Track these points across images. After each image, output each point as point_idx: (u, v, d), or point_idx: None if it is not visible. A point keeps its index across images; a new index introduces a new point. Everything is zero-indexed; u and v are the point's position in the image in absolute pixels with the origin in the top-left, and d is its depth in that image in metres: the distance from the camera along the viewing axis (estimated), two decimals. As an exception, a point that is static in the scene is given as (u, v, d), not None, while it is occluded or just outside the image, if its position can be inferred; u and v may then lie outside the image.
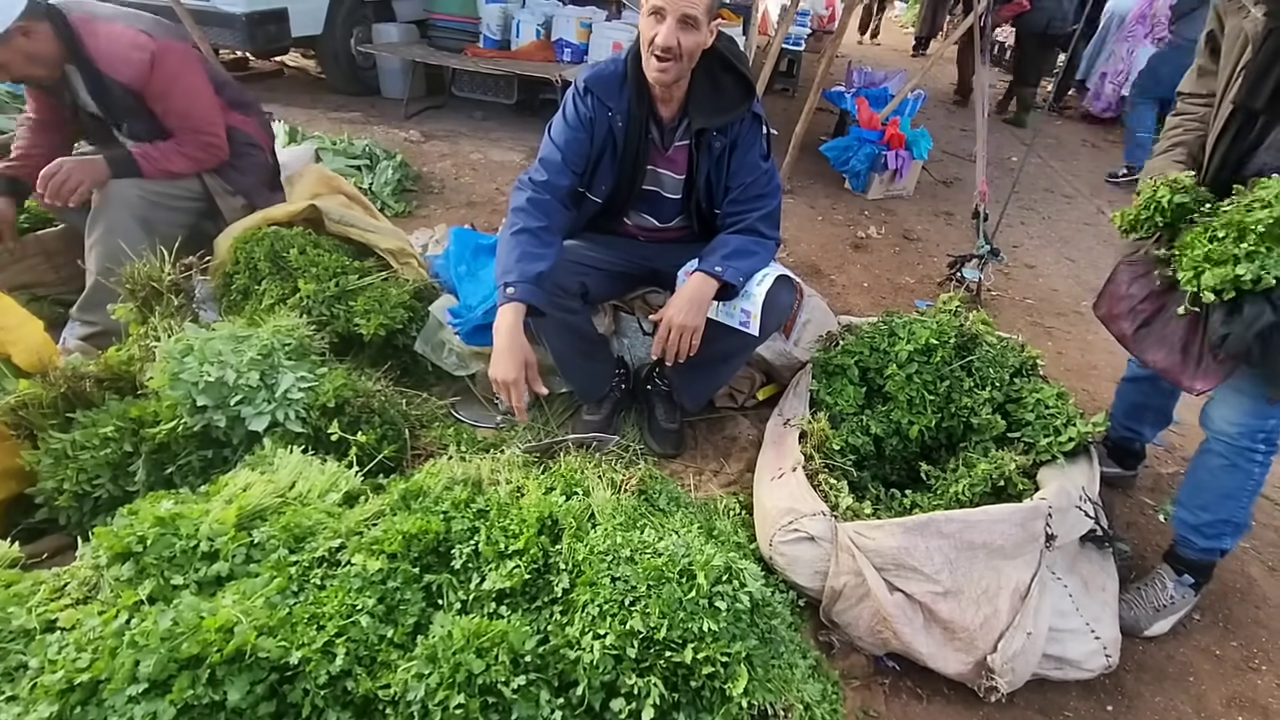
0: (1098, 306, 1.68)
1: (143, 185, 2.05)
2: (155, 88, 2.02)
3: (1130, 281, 1.58)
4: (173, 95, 2.06)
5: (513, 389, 1.53)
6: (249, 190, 2.32)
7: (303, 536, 1.28)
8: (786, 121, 4.65)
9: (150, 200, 2.07)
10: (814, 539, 1.52)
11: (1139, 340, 1.55)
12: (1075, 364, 2.97)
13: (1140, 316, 1.55)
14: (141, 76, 1.99)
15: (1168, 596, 1.70)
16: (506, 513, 1.35)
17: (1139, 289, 1.56)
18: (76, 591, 1.17)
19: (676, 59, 1.58)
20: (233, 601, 1.13)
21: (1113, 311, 1.62)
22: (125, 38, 1.99)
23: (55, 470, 1.43)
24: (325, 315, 1.97)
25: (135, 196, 2.04)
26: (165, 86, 2.04)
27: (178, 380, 1.46)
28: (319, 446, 1.58)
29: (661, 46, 1.55)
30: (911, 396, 1.81)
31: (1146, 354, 1.53)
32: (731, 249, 1.73)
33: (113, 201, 2.01)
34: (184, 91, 2.09)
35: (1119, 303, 1.60)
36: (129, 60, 1.97)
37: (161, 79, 2.02)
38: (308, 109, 4.80)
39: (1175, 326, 1.47)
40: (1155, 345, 1.51)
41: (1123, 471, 2.18)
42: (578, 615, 1.19)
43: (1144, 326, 1.54)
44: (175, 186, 2.14)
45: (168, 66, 2.03)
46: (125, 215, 2.02)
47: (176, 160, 2.11)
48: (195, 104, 2.12)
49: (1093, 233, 4.54)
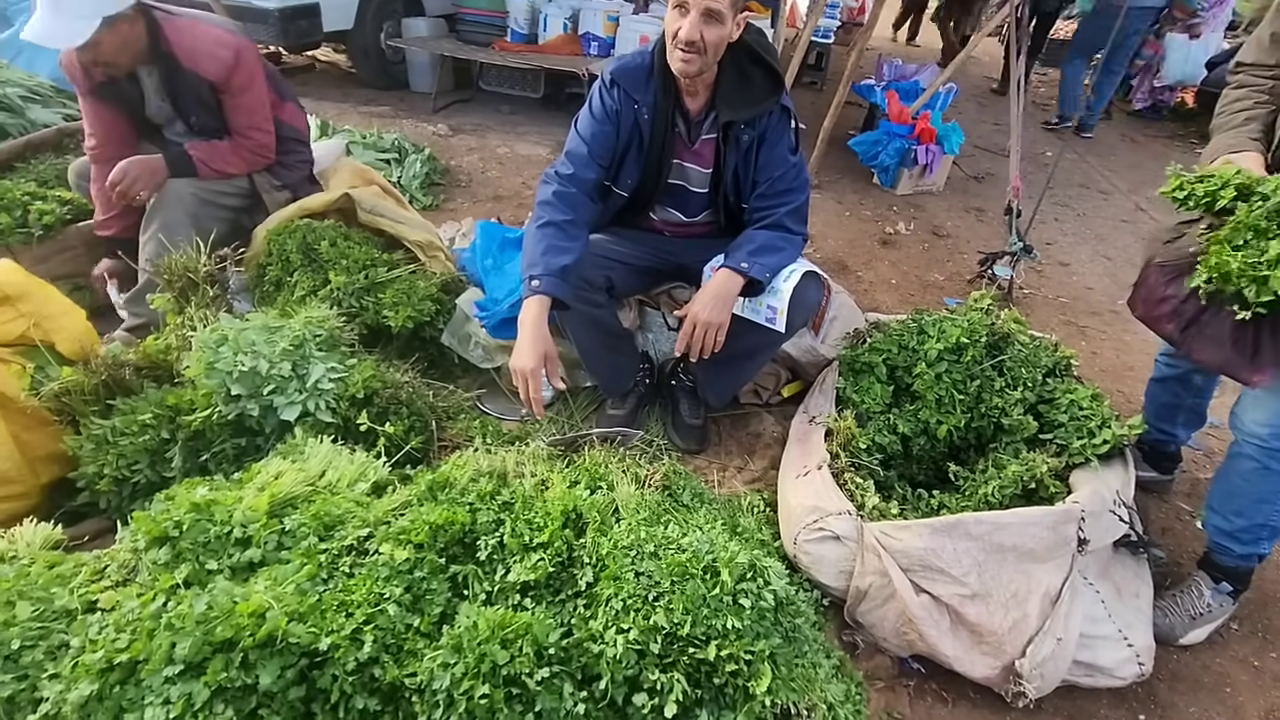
0: (1134, 307, 1.63)
1: (196, 184, 2.12)
2: (236, 83, 2.10)
3: (1166, 283, 1.53)
4: (249, 92, 2.14)
5: (530, 379, 1.54)
6: (294, 185, 2.39)
7: (332, 525, 1.30)
8: (814, 115, 4.60)
9: (202, 198, 2.14)
10: (839, 538, 1.51)
11: (1187, 341, 1.49)
12: (1111, 365, 2.90)
13: (1185, 318, 1.49)
14: (225, 72, 2.06)
15: (1204, 604, 1.65)
16: (531, 505, 1.36)
17: (1176, 289, 1.50)
18: (116, 574, 1.21)
19: (700, 52, 1.57)
20: (265, 587, 1.15)
21: (1153, 314, 1.56)
22: (210, 35, 2.07)
23: (96, 455, 1.48)
24: (355, 307, 2.00)
25: (189, 195, 2.11)
26: (245, 83, 2.12)
27: (213, 369, 1.50)
28: (348, 436, 1.61)
29: (685, 40, 1.54)
30: (940, 396, 1.78)
31: (1197, 354, 1.48)
32: (758, 244, 1.71)
33: (168, 200, 2.09)
34: (257, 91, 2.17)
35: (1159, 305, 1.54)
36: (214, 56, 2.05)
37: (242, 76, 2.11)
38: (338, 103, 4.86)
39: (1222, 321, 1.41)
40: (1205, 344, 1.45)
41: (1159, 476, 2.12)
42: (601, 609, 1.19)
43: (1190, 326, 1.48)
44: (227, 185, 2.22)
45: (248, 64, 2.11)
46: (179, 212, 2.10)
47: (232, 161, 2.18)
48: (260, 105, 2.20)
49: (1130, 230, 4.42)
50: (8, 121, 2.89)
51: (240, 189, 2.27)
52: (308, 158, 2.47)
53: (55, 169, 2.57)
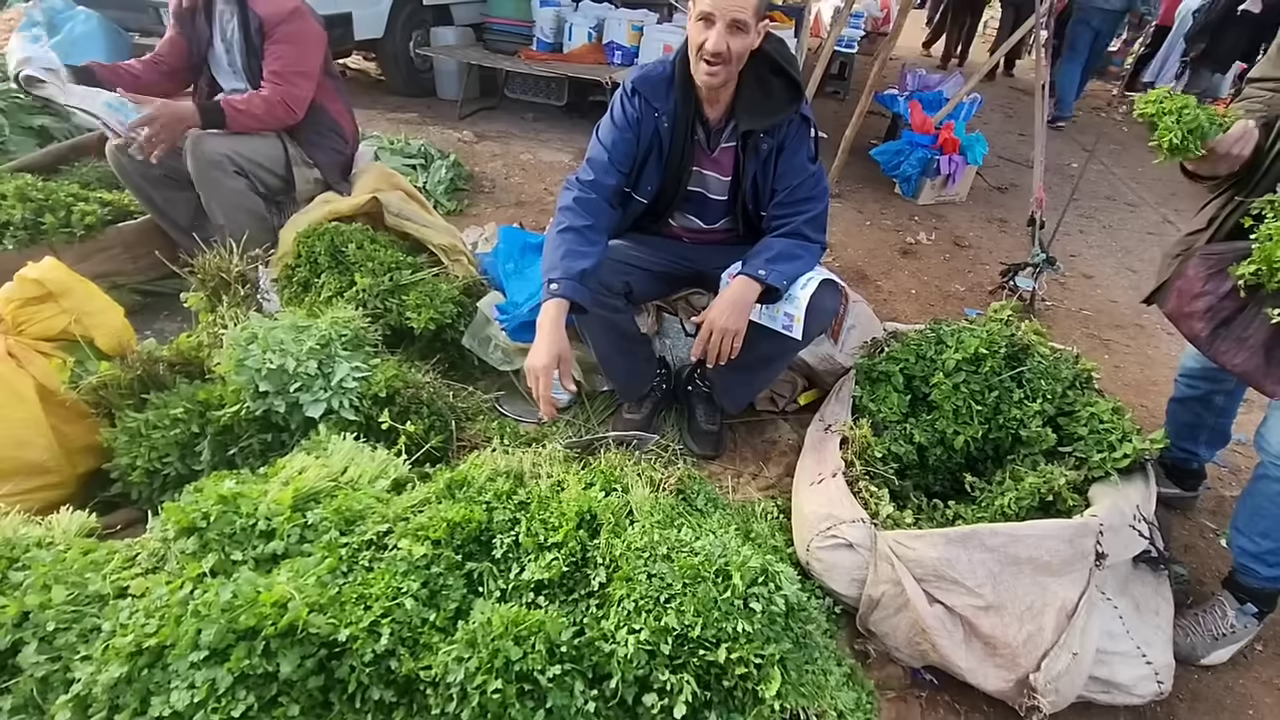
0: (1163, 302, 1.56)
1: (230, 147, 2.25)
2: (283, 30, 2.26)
3: (1207, 277, 1.44)
4: (292, 43, 2.28)
5: (541, 376, 1.54)
6: (325, 167, 2.51)
7: (353, 520, 1.34)
8: (837, 125, 4.59)
9: (238, 157, 2.28)
10: (852, 546, 1.51)
11: (1214, 341, 1.45)
12: (1134, 379, 2.85)
13: (1219, 316, 1.43)
14: (276, 15, 2.24)
15: (1228, 625, 1.62)
16: (547, 506, 1.38)
17: (1217, 285, 1.42)
18: (146, 562, 1.25)
19: (726, 62, 1.59)
20: (287, 578, 1.19)
21: (1184, 309, 1.49)
22: None
23: (129, 448, 1.53)
24: (379, 308, 2.05)
25: (224, 157, 2.24)
26: (291, 34, 2.27)
27: (242, 366, 1.54)
28: (370, 434, 1.64)
29: (711, 52, 1.56)
30: (958, 406, 1.78)
31: (1222, 356, 1.44)
32: (776, 252, 1.72)
33: (208, 167, 2.23)
34: (302, 48, 2.31)
35: (1194, 300, 1.46)
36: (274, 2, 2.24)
37: (291, 28, 2.27)
38: (367, 109, 4.96)
39: (1259, 326, 1.37)
40: (1234, 348, 1.41)
41: (1182, 493, 2.09)
42: (613, 609, 1.21)
43: (1221, 326, 1.43)
44: (261, 145, 2.35)
45: (301, 21, 2.30)
46: (223, 175, 2.25)
47: (262, 113, 2.29)
48: (300, 60, 2.32)
49: (1156, 242, 4.34)
50: (54, 126, 3.00)
51: (274, 152, 2.39)
52: (345, 151, 2.59)
53: (97, 171, 2.67)
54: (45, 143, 2.89)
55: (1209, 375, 1.81)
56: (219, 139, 2.23)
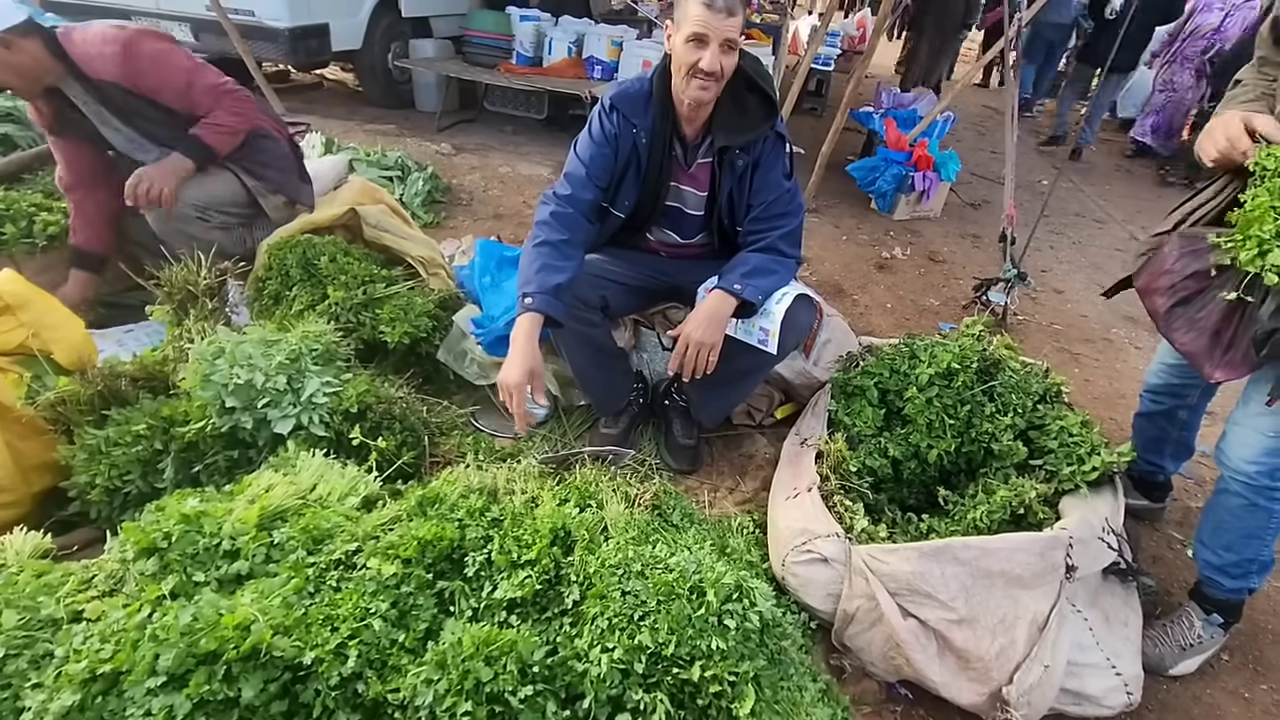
0: (1137, 276, 1.59)
1: (193, 202, 2.14)
2: (132, 68, 2.00)
3: (1180, 256, 1.47)
4: (158, 72, 2.04)
5: (515, 392, 1.55)
6: (282, 184, 2.36)
7: (321, 539, 1.31)
8: (814, 141, 4.66)
9: (207, 212, 2.19)
10: (827, 561, 1.51)
11: (1170, 319, 1.47)
12: (1103, 392, 2.91)
13: (1179, 294, 1.45)
14: (119, 68, 1.98)
15: (1195, 635, 1.65)
16: (520, 522, 1.37)
17: (1185, 265, 1.45)
18: (103, 584, 1.21)
19: (718, 80, 1.62)
20: (251, 600, 1.16)
21: (1151, 285, 1.52)
22: (96, 35, 1.99)
23: (88, 465, 1.48)
24: (352, 322, 2.02)
25: (191, 210, 2.14)
26: (143, 65, 2.01)
27: (208, 381, 1.51)
28: (340, 450, 1.61)
29: (708, 71, 1.58)
30: (931, 420, 1.79)
31: (1174, 333, 1.46)
32: (751, 267, 1.74)
33: (175, 232, 2.14)
34: (168, 66, 2.06)
35: (1160, 277, 1.49)
36: (103, 55, 1.97)
37: (136, 61, 2.00)
38: (344, 120, 4.93)
39: (1212, 310, 1.39)
40: (1185, 326, 1.44)
41: (1150, 504, 2.13)
42: (587, 628, 1.19)
43: (1180, 305, 1.45)
44: (225, 194, 2.23)
45: (140, 47, 2.01)
46: (193, 227, 2.16)
47: (227, 120, 2.12)
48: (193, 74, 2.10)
49: (1124, 258, 4.39)
50: (17, 134, 2.93)
51: (238, 198, 2.27)
52: (284, 151, 2.40)
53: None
54: (8, 151, 2.82)
55: (1172, 390, 1.85)
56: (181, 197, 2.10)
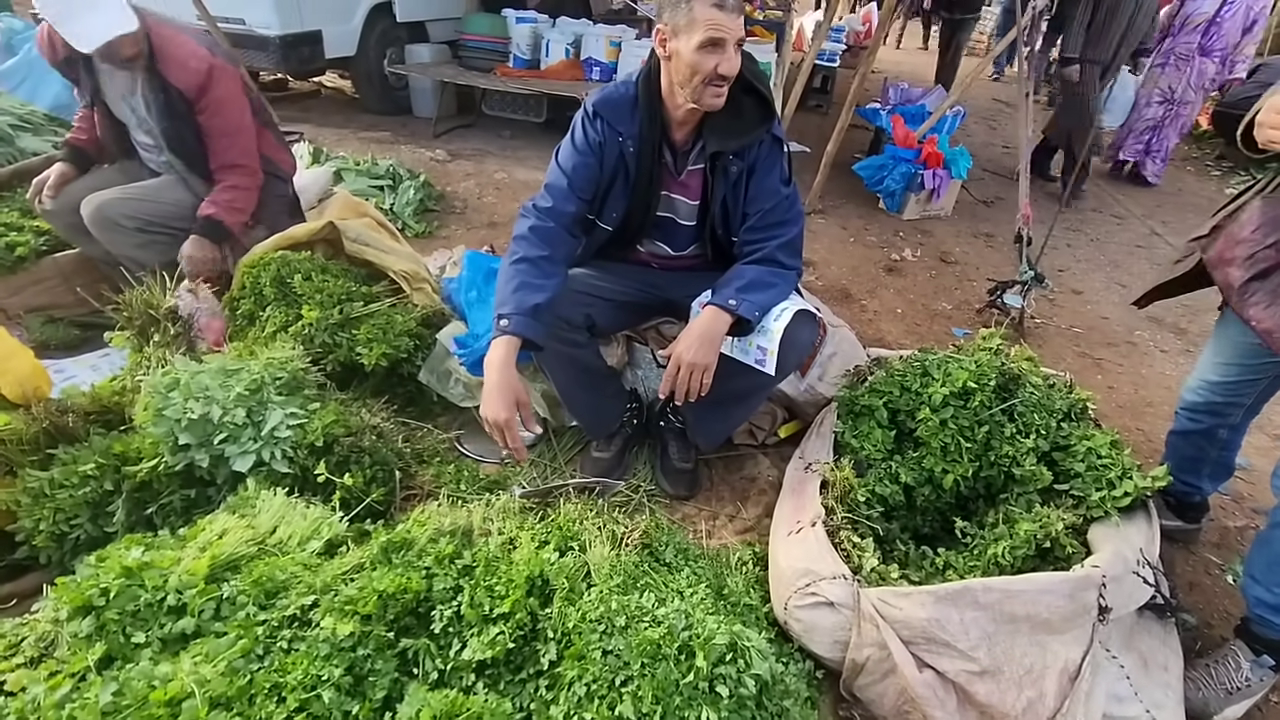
0: (1206, 247, 1.44)
1: (137, 213, 2.14)
2: (208, 102, 2.11)
3: (1261, 223, 1.33)
4: (222, 114, 2.16)
5: (505, 431, 1.43)
6: (270, 220, 2.35)
7: (275, 592, 1.20)
8: (819, 139, 4.51)
9: (145, 228, 2.17)
10: (834, 605, 1.37)
11: (1245, 293, 1.34)
12: (1128, 400, 2.75)
13: (1258, 265, 1.32)
14: (196, 86, 2.08)
15: (1242, 678, 1.50)
16: (494, 570, 1.25)
17: (1266, 233, 1.32)
18: (32, 649, 1.10)
19: (730, 82, 1.51)
20: (192, 665, 1.05)
21: (1225, 255, 1.38)
22: (186, 46, 2.09)
23: (34, 509, 1.38)
24: (328, 343, 1.91)
25: (128, 224, 2.13)
26: (217, 105, 2.14)
27: (161, 416, 1.40)
28: (306, 487, 1.50)
29: (728, 74, 1.48)
30: (946, 443, 1.66)
31: (1250, 309, 1.33)
32: (748, 280, 1.60)
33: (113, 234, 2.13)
34: (233, 115, 2.18)
35: (1237, 245, 1.36)
36: (186, 68, 2.07)
37: (215, 97, 2.12)
38: (339, 128, 4.84)
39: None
40: (1266, 300, 1.30)
41: (1184, 525, 1.97)
42: (563, 694, 1.07)
43: (1258, 278, 1.32)
44: (171, 209, 2.22)
45: (222, 85, 2.13)
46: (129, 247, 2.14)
47: (241, 198, 2.22)
48: (240, 130, 2.21)
49: (1145, 255, 4.28)
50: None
51: (184, 213, 2.22)
52: (286, 192, 2.45)
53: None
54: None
55: (1213, 409, 1.70)
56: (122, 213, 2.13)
